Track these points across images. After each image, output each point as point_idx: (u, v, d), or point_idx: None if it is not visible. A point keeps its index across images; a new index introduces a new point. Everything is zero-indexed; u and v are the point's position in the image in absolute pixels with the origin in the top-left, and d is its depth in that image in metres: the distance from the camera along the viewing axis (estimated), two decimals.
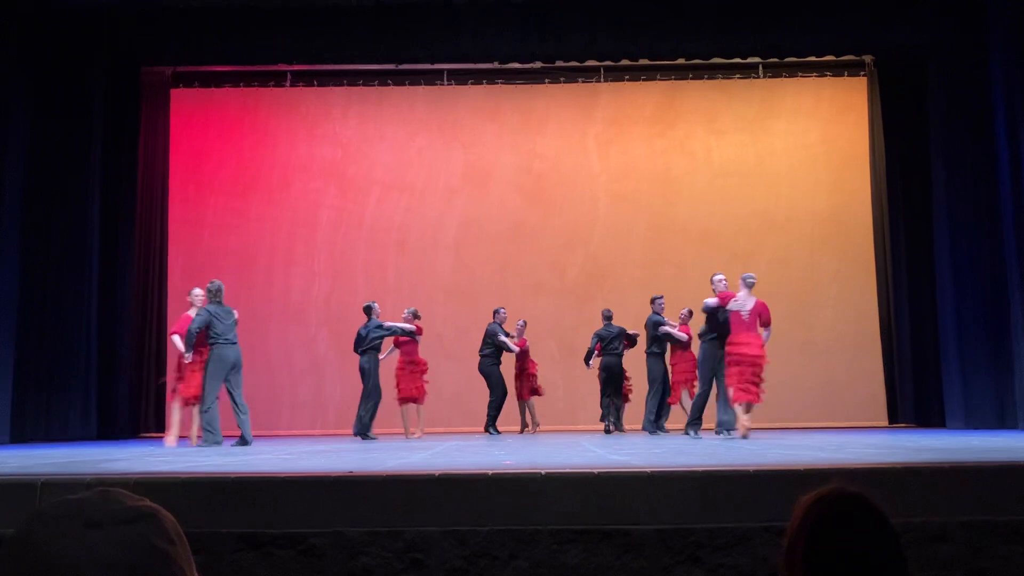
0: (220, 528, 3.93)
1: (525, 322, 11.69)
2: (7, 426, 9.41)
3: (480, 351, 11.24)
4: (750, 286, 8.80)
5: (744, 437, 8.41)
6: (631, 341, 11.22)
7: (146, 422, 12.29)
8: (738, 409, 8.55)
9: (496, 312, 11.45)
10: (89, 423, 10.69)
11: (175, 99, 13.22)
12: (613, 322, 11.26)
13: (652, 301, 10.83)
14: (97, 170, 11.14)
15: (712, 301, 8.97)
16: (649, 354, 10.64)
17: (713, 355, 8.96)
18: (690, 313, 10.71)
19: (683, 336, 10.63)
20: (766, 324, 8.70)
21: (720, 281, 9.04)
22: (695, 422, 9.16)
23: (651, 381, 10.58)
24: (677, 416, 10.87)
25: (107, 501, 0.95)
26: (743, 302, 8.70)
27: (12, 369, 9.61)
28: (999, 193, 9.90)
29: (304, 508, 4.05)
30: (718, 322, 8.92)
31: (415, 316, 10.76)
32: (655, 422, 10.42)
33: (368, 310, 10.54)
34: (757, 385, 8.54)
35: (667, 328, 10.54)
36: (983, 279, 10.24)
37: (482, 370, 11.21)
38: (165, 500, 1.04)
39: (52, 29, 10.44)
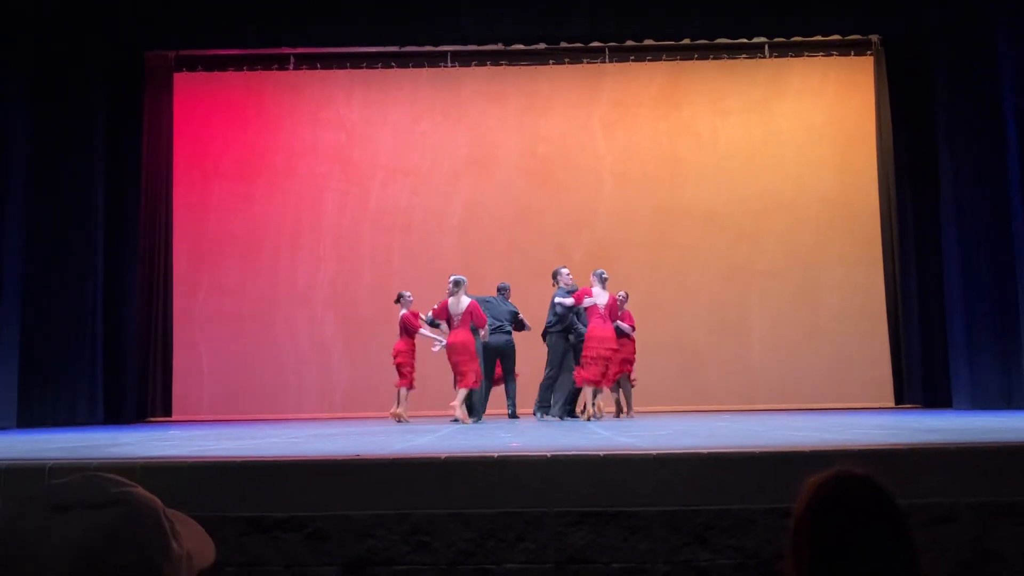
0: (226, 512, 3.93)
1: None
2: (13, 411, 9.45)
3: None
4: (604, 282, 9.47)
5: (593, 419, 9.14)
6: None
7: (153, 407, 12.33)
8: (588, 392, 9.29)
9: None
10: (96, 408, 10.74)
11: (179, 83, 13.17)
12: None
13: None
14: (101, 155, 11.13)
15: (568, 301, 9.52)
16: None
17: (562, 344, 9.65)
18: (626, 296, 10.39)
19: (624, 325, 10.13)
20: (614, 319, 9.51)
21: (567, 275, 9.74)
22: (545, 405, 9.67)
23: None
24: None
25: (86, 486, 0.94)
26: (598, 297, 9.36)
27: (18, 354, 9.64)
28: (1007, 173, 9.83)
29: (310, 491, 4.05)
30: (567, 318, 9.60)
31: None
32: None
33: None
34: (605, 373, 9.38)
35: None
36: (990, 259, 10.17)
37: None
38: (171, 484, 1.03)
39: (54, 15, 10.40)
